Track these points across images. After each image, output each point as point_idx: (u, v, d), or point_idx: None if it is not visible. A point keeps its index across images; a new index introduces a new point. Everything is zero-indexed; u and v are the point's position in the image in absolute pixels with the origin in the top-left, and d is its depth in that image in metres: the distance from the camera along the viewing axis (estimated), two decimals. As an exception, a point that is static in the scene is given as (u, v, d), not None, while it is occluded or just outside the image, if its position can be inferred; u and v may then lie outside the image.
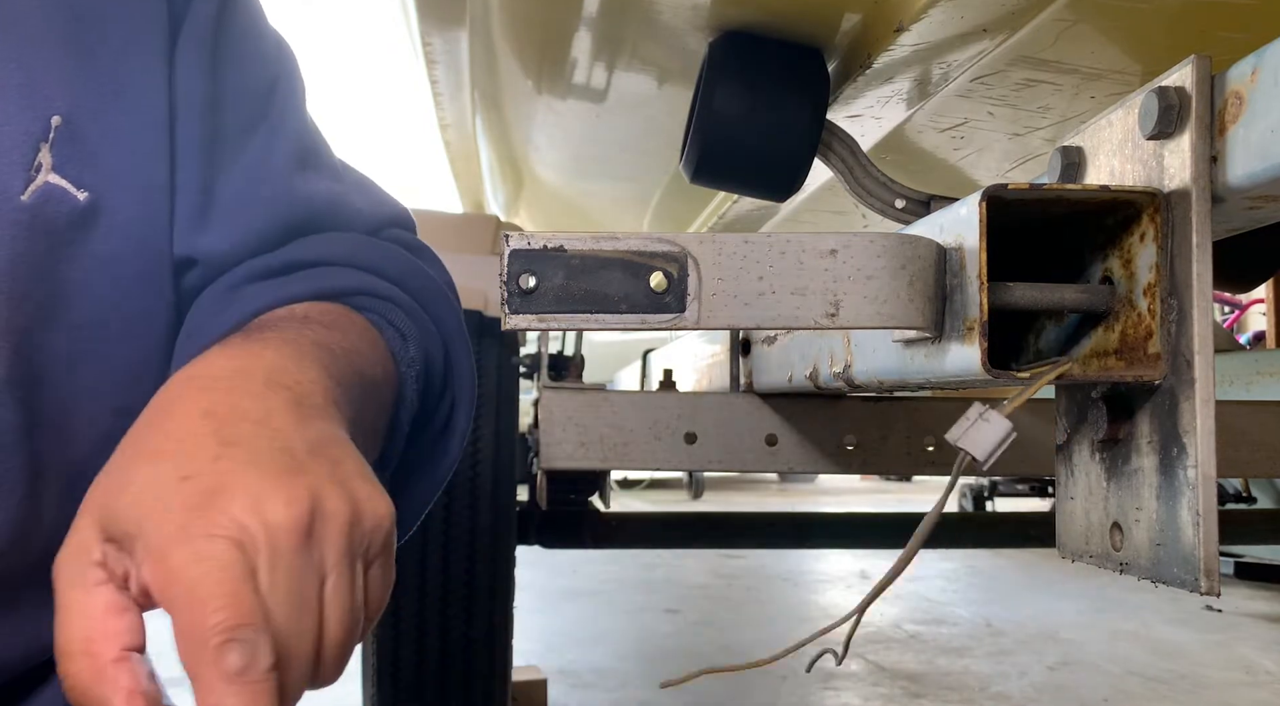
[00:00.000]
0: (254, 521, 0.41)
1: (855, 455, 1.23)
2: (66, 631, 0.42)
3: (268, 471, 0.43)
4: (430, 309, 0.69)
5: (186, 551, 0.40)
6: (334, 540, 0.43)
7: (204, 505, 0.41)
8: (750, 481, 8.41)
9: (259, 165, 0.68)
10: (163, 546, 0.41)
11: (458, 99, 1.92)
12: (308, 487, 0.43)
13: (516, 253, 0.49)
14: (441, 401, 0.70)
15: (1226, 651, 2.65)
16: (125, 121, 0.61)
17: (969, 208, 0.51)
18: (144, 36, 0.63)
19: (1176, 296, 0.48)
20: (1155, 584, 0.50)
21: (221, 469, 0.43)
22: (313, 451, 0.46)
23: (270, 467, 0.44)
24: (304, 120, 0.74)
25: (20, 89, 0.56)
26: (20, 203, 0.55)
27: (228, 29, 0.68)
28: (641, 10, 1.01)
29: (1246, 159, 0.46)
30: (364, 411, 0.57)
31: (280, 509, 0.42)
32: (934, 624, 2.99)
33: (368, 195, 0.76)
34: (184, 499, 0.42)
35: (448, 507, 1.53)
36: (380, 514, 0.46)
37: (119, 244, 0.60)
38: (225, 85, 0.67)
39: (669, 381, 1.60)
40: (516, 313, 0.50)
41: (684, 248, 0.51)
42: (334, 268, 0.66)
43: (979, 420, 0.52)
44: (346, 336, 0.60)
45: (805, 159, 0.93)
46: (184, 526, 0.41)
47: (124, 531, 0.42)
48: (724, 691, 2.28)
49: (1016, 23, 0.81)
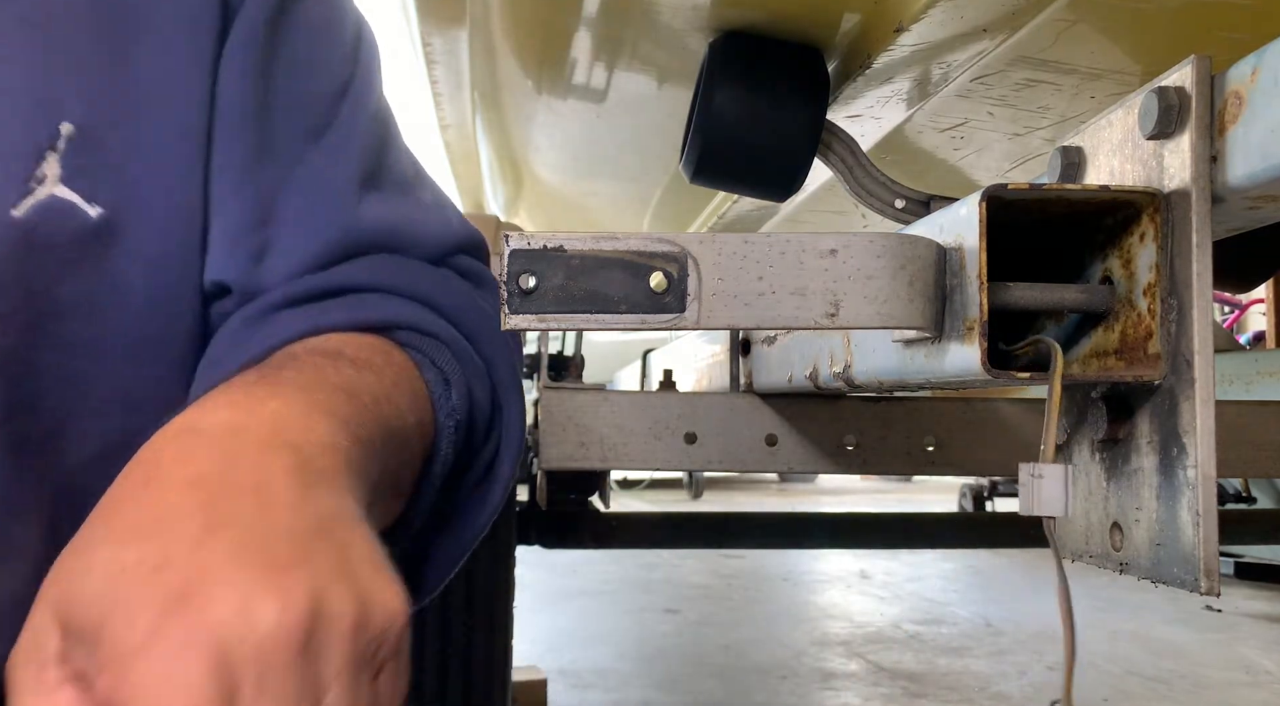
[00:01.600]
0: (239, 630, 0.34)
1: (855, 455, 1.23)
2: None
3: (259, 563, 0.36)
4: (482, 349, 0.62)
5: (153, 667, 0.34)
6: (336, 648, 0.36)
7: (179, 606, 0.35)
8: (750, 481, 8.41)
9: (318, 184, 0.61)
10: (125, 657, 0.34)
11: (458, 99, 1.92)
12: (307, 584, 0.36)
13: (516, 253, 0.49)
14: (484, 447, 0.62)
15: (1226, 651, 2.65)
16: (153, 132, 0.57)
17: (969, 208, 0.51)
18: (184, 37, 0.58)
19: (1176, 296, 0.48)
20: (1155, 584, 0.50)
21: (204, 559, 0.36)
22: (316, 532, 0.39)
23: (263, 557, 0.37)
24: (377, 126, 0.66)
25: (25, 93, 0.53)
26: (9, 217, 0.52)
27: (289, 26, 0.62)
28: (641, 10, 1.01)
29: (1246, 159, 0.46)
30: (386, 469, 0.51)
31: (271, 613, 0.35)
32: (934, 624, 2.99)
33: (437, 216, 0.69)
34: (155, 596, 0.35)
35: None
36: (392, 611, 0.39)
37: (133, 264, 0.56)
38: (281, 90, 0.61)
39: (669, 381, 1.60)
40: (516, 313, 0.50)
41: (684, 248, 0.51)
42: (379, 294, 0.59)
43: (1034, 481, 0.50)
44: (380, 379, 0.53)
45: (805, 159, 0.93)
46: (153, 632, 0.34)
47: (83, 627, 0.35)
48: (724, 691, 2.28)
49: (1016, 23, 0.81)
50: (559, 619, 3.06)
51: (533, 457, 1.48)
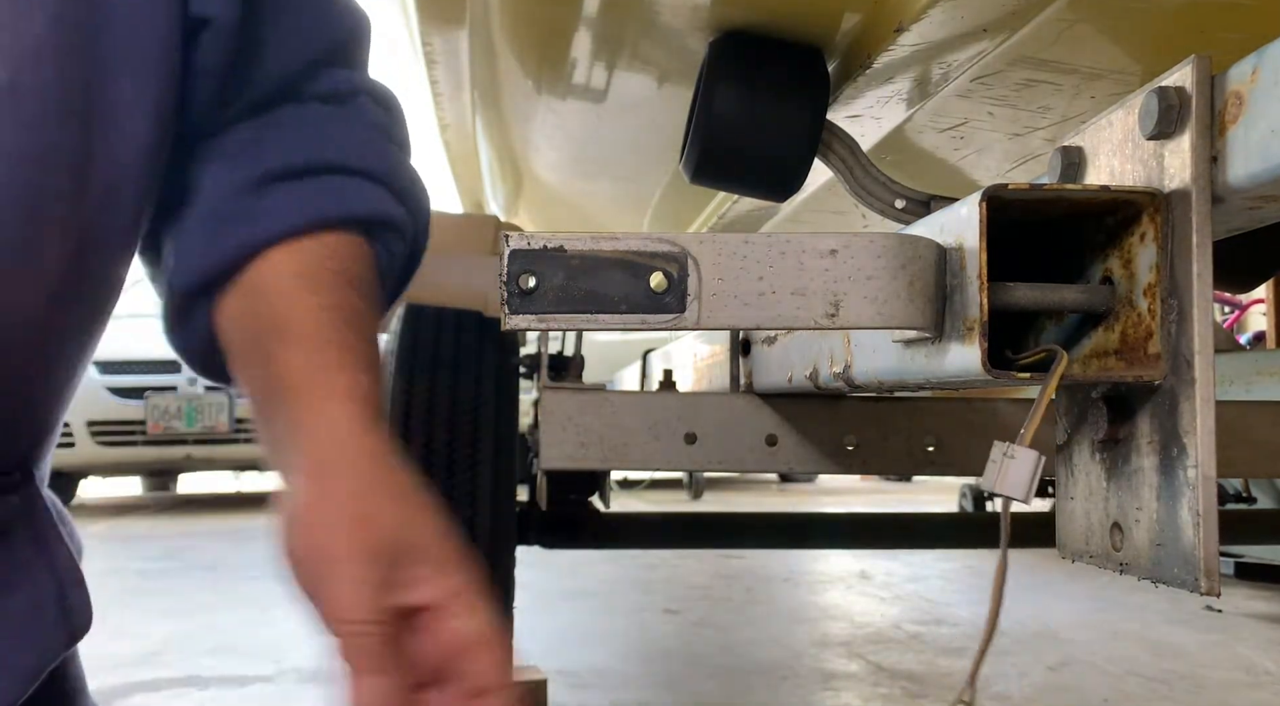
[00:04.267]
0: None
1: (855, 455, 1.23)
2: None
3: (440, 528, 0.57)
4: (409, 204, 0.69)
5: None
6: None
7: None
8: (750, 481, 8.41)
9: None
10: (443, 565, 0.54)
11: (458, 99, 1.92)
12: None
13: (516, 253, 0.49)
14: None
15: (1226, 651, 2.65)
16: None
17: (969, 208, 0.51)
18: None
19: (1176, 296, 0.48)
20: (1155, 584, 0.50)
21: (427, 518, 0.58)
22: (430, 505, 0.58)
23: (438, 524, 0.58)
24: None
25: None
26: None
27: None
28: (641, 10, 1.01)
29: (1247, 159, 0.46)
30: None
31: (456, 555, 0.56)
32: (934, 624, 2.99)
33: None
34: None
35: (447, 508, 1.52)
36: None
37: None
38: None
39: (669, 381, 1.60)
40: (516, 313, 0.50)
41: (684, 248, 0.51)
42: (355, 181, 0.65)
43: (1005, 459, 0.51)
44: (371, 304, 0.64)
45: (805, 159, 0.93)
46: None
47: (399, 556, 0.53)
48: (724, 691, 2.28)
49: (1016, 23, 0.81)
50: (559, 619, 3.06)
51: (533, 458, 1.48)
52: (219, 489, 8.40)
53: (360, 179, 0.65)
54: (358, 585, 0.50)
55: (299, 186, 0.64)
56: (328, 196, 0.64)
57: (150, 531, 5.28)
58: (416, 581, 0.52)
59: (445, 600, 0.52)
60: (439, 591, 0.52)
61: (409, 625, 0.52)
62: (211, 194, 0.64)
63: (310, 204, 0.63)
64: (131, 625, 2.89)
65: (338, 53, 0.70)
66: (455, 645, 0.52)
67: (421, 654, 0.52)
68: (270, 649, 2.59)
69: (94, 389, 5.77)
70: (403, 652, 0.51)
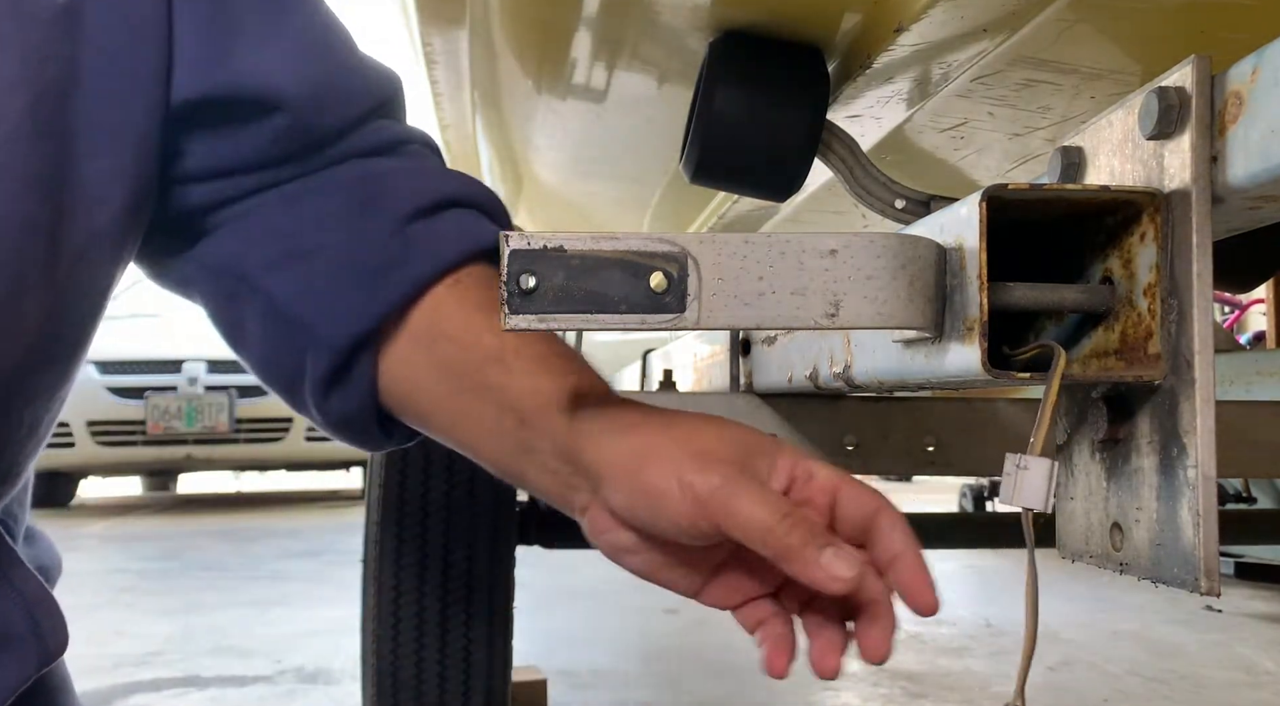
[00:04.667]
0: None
1: (855, 455, 1.23)
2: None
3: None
4: (508, 227, 0.71)
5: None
6: None
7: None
8: (750, 481, 8.40)
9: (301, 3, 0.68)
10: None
11: (458, 99, 1.92)
12: None
13: (516, 253, 0.49)
14: None
15: (1226, 651, 2.65)
16: None
17: (969, 208, 0.51)
18: None
19: (1176, 296, 0.48)
20: (1155, 584, 0.50)
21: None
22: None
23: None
24: None
25: None
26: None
27: None
28: (641, 10, 1.01)
29: (1246, 159, 0.46)
30: None
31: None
32: (934, 624, 2.99)
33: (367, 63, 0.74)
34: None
35: (447, 508, 1.52)
36: None
37: (89, 51, 0.59)
38: None
39: (669, 381, 1.60)
40: (516, 313, 0.50)
41: (684, 248, 0.51)
42: (473, 213, 0.67)
43: (1019, 471, 0.51)
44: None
45: (805, 159, 0.93)
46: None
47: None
48: (723, 691, 2.28)
49: (1016, 23, 0.81)
50: (559, 619, 3.06)
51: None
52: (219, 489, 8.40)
53: (475, 210, 0.67)
54: (757, 493, 0.52)
55: (437, 223, 0.65)
56: (466, 230, 0.65)
57: (150, 531, 5.28)
58: (771, 468, 0.56)
59: (801, 469, 0.56)
60: (791, 465, 0.56)
61: None
62: (342, 250, 0.64)
63: (456, 238, 0.64)
64: (131, 625, 2.89)
65: (384, 107, 0.72)
66: (838, 495, 0.55)
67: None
68: (270, 649, 2.59)
69: (94, 389, 5.77)
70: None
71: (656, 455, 0.55)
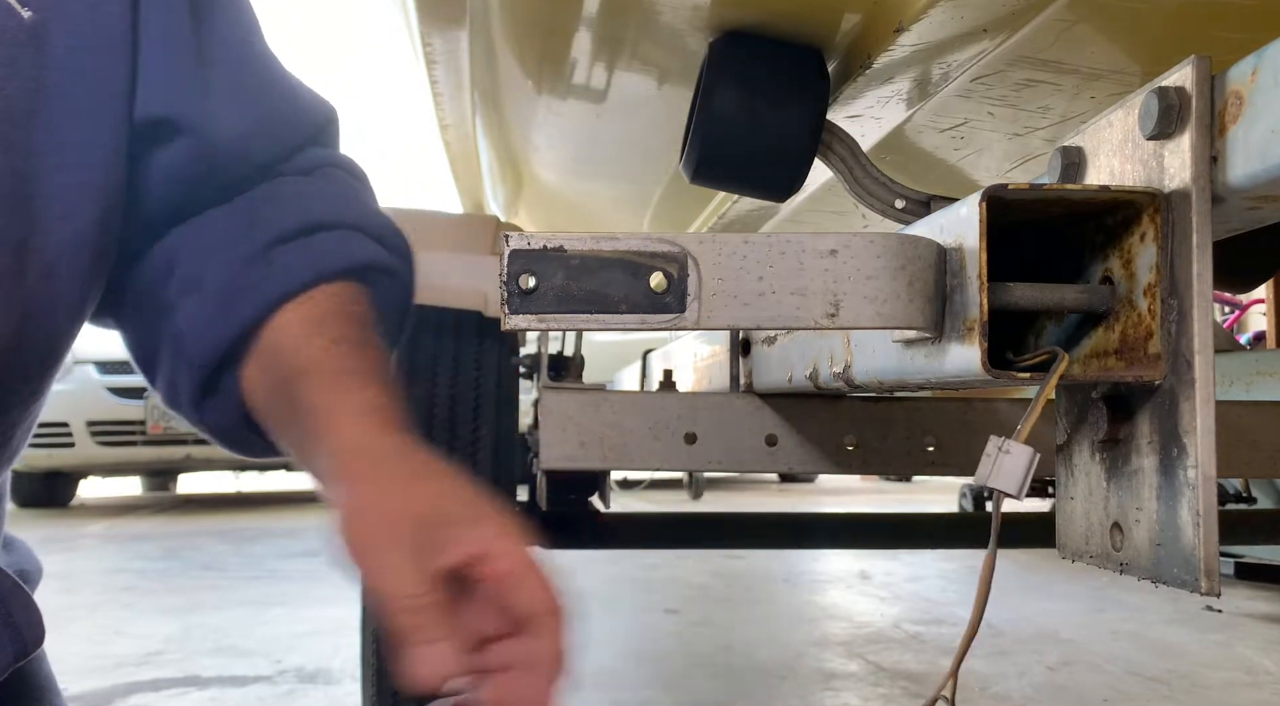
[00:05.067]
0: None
1: (855, 455, 1.23)
2: None
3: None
4: (392, 247, 0.74)
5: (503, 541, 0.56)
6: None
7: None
8: (750, 481, 8.41)
9: (240, 37, 0.71)
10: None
11: (458, 99, 1.92)
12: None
13: (516, 253, 0.49)
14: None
15: (1226, 651, 2.65)
16: None
17: (969, 208, 0.51)
18: None
19: (1176, 296, 0.48)
20: (1155, 584, 0.50)
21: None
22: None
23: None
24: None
25: None
26: None
27: None
28: (641, 10, 1.01)
29: (1246, 159, 0.46)
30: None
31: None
32: (934, 624, 2.99)
33: (306, 96, 0.77)
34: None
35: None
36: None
37: (59, 72, 0.61)
38: None
39: (669, 381, 1.60)
40: (516, 313, 0.50)
41: (684, 248, 0.51)
42: (341, 234, 0.70)
43: (1000, 454, 0.51)
44: (374, 333, 0.67)
45: (805, 159, 0.93)
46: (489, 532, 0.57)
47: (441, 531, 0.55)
48: (724, 691, 2.28)
49: (1016, 23, 0.81)
50: (559, 619, 3.06)
51: (532, 458, 1.48)
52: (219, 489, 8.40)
53: (345, 231, 0.70)
54: (398, 566, 0.53)
55: (296, 248, 0.68)
56: (323, 252, 0.69)
57: (150, 531, 5.28)
58: (453, 541, 0.54)
59: (484, 548, 0.54)
60: (476, 543, 0.54)
61: (465, 589, 0.54)
62: (217, 275, 0.68)
63: (310, 261, 0.68)
64: (131, 625, 2.89)
65: (315, 137, 0.77)
66: (503, 586, 0.54)
67: (482, 609, 0.55)
68: (270, 649, 2.59)
69: (94, 389, 5.77)
70: (461, 616, 0.54)
71: (355, 510, 0.56)
